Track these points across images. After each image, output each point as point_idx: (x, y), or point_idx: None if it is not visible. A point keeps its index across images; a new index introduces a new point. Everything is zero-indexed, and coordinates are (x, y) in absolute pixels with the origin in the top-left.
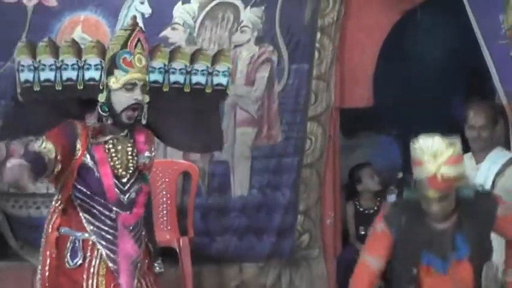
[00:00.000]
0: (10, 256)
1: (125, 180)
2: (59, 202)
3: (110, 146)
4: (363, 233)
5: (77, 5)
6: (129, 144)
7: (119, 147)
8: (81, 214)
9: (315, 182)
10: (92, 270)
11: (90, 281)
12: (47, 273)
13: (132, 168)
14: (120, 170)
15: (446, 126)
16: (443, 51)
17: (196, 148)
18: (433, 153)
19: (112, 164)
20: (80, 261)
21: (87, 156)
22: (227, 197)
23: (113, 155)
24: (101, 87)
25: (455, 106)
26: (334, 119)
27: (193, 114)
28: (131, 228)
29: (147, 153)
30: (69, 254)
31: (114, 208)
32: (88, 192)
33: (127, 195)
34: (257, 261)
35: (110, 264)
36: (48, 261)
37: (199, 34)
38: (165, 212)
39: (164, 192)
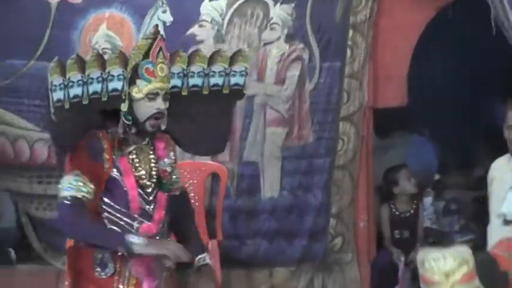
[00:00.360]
0: (33, 259)
1: (149, 190)
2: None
3: (134, 156)
4: (397, 236)
5: (102, 2)
6: (150, 152)
7: (142, 157)
8: (108, 225)
9: (348, 183)
10: (122, 280)
11: None
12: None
13: (155, 176)
14: (145, 180)
15: (480, 125)
16: (477, 49)
17: (202, 150)
18: (445, 274)
19: (137, 174)
20: (112, 272)
21: (114, 169)
22: (257, 198)
23: (137, 165)
24: (123, 97)
25: (492, 105)
26: (368, 118)
27: (209, 116)
28: (153, 237)
29: (166, 160)
30: (98, 263)
31: (139, 218)
32: (115, 206)
33: (152, 206)
34: (288, 265)
35: (138, 276)
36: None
37: (228, 31)
38: None
39: (192, 194)
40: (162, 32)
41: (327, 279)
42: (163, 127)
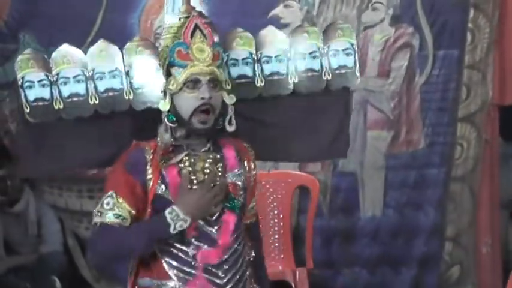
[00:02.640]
0: None
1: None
2: None
3: (187, 164)
4: None
5: None
6: (210, 160)
7: (198, 168)
8: (161, 259)
9: (467, 199)
10: None
11: None
12: None
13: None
14: None
15: None
16: None
17: (311, 156)
18: None
19: (190, 187)
20: None
21: (161, 185)
22: (355, 218)
23: (191, 176)
24: (162, 93)
25: None
26: (492, 119)
27: (306, 110)
28: (219, 267)
29: (236, 171)
30: None
31: (195, 243)
32: None
33: (216, 227)
34: None
35: None
36: None
37: (320, 13)
38: (276, 236)
39: (275, 212)
40: (199, 7)
41: None
42: (231, 129)
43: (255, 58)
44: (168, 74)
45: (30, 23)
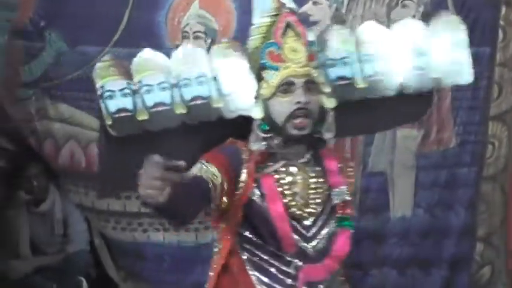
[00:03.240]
0: None
1: (308, 222)
2: (219, 255)
3: (283, 175)
4: None
5: None
6: (312, 174)
7: (297, 178)
8: (249, 272)
9: (499, 199)
10: None
11: None
12: None
13: (317, 206)
14: (295, 209)
15: None
16: None
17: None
18: None
19: (286, 200)
20: None
21: (255, 191)
22: (384, 218)
23: (286, 187)
24: (254, 100)
25: None
26: None
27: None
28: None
29: (344, 187)
30: None
31: (294, 261)
32: (258, 241)
33: (313, 243)
34: None
35: None
36: None
37: (349, 10)
38: None
39: None
40: (290, 4)
41: None
42: (329, 136)
43: (357, 58)
44: (259, 78)
45: (57, 21)
